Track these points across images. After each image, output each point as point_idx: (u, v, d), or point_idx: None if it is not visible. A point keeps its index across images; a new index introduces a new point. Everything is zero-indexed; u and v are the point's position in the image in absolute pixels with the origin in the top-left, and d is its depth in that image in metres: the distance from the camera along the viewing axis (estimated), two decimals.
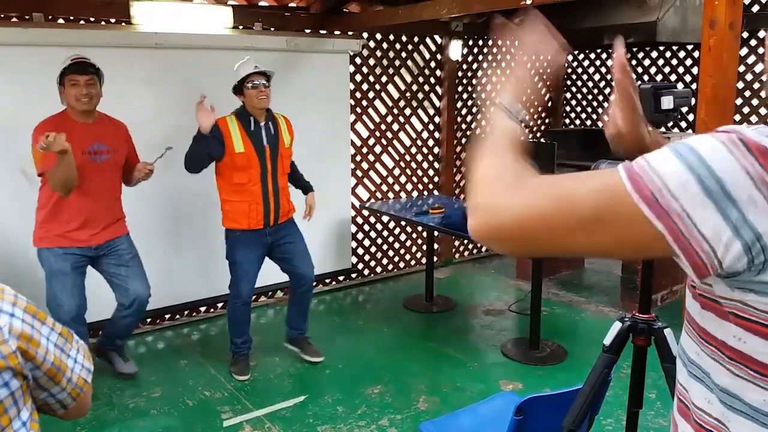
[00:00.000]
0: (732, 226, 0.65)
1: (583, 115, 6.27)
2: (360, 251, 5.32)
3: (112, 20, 3.92)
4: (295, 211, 3.70)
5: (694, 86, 4.87)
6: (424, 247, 5.48)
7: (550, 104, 6.41)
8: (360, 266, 5.35)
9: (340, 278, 5.24)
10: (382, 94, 5.14)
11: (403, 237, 5.55)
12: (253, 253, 3.49)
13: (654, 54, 5.50)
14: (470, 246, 6.02)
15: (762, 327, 0.69)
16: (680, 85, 5.18)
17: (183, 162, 3.36)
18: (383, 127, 5.20)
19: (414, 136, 5.43)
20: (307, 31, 4.69)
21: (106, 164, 3.20)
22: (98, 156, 3.16)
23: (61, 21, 3.78)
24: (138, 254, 3.42)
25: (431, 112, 5.51)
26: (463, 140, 5.66)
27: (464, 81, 5.62)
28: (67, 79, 3.02)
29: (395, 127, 5.27)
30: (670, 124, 5.25)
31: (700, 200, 0.66)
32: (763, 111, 4.86)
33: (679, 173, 0.67)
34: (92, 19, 3.88)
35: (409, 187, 5.50)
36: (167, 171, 4.06)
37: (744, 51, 4.69)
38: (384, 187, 5.35)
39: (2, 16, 3.60)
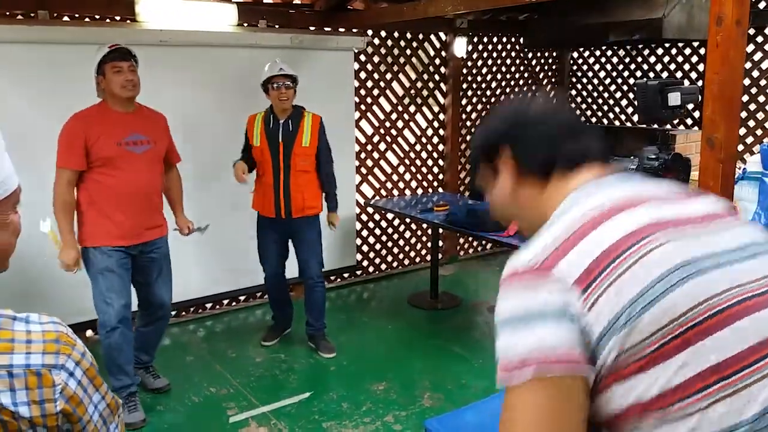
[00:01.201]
0: (560, 315, 0.78)
1: (588, 112, 6.24)
2: (365, 248, 5.32)
3: (117, 17, 3.93)
4: (320, 210, 3.81)
5: (700, 83, 4.84)
6: (429, 245, 5.47)
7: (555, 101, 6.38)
8: (365, 263, 5.36)
9: (345, 275, 5.25)
10: (387, 91, 5.14)
11: (407, 234, 5.55)
12: (270, 237, 3.79)
13: (660, 51, 5.48)
14: (475, 243, 6.02)
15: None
16: (687, 82, 5.15)
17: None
18: (388, 124, 5.20)
19: (419, 133, 5.42)
20: (312, 28, 4.69)
21: (146, 155, 3.06)
22: (137, 147, 3.02)
23: (66, 18, 3.79)
24: (170, 261, 3.31)
25: (436, 109, 5.50)
26: (468, 137, 5.66)
27: (469, 78, 5.61)
28: (109, 67, 2.92)
29: (400, 124, 5.27)
30: (676, 120, 5.23)
31: (535, 328, 0.79)
32: None
33: (513, 336, 0.85)
34: (97, 16, 3.89)
35: (413, 184, 5.50)
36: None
37: (751, 47, 4.67)
38: (389, 185, 5.35)
39: (7, 13, 3.61)
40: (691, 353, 0.76)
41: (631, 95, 5.79)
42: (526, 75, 6.07)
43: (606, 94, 6.05)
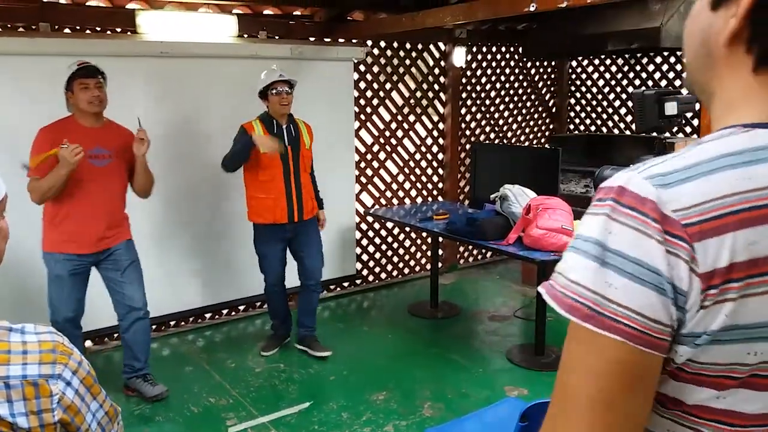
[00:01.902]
0: (671, 298, 0.62)
1: (588, 121, 6.26)
2: (364, 257, 5.32)
3: (118, 30, 3.95)
4: (323, 212, 3.96)
5: None
6: (429, 253, 5.47)
7: (554, 110, 6.41)
8: (364, 272, 5.36)
9: (345, 284, 5.24)
10: (387, 101, 5.16)
11: (407, 243, 5.55)
12: (275, 245, 3.79)
13: (658, 59, 5.51)
14: (475, 252, 6.02)
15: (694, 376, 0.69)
16: (684, 91, 5.17)
17: (221, 162, 3.62)
18: (387, 133, 5.22)
19: (418, 142, 5.44)
20: (312, 39, 4.71)
21: (108, 168, 3.20)
22: (99, 160, 3.17)
23: (67, 30, 3.81)
24: (138, 261, 3.39)
25: (435, 118, 5.52)
26: (467, 146, 5.67)
27: (468, 87, 5.63)
28: (77, 84, 3.06)
29: (399, 133, 5.29)
30: (675, 129, 5.24)
31: (634, 289, 0.62)
32: None
33: (597, 274, 0.64)
34: (98, 28, 3.91)
35: (413, 193, 5.51)
36: (172, 180, 4.09)
37: None
38: (388, 194, 5.35)
39: (9, 26, 3.64)
40: (737, 393, 0.67)
41: (629, 104, 5.81)
42: (525, 84, 6.09)
43: (605, 103, 6.07)
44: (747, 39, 0.67)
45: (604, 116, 6.09)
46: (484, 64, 5.72)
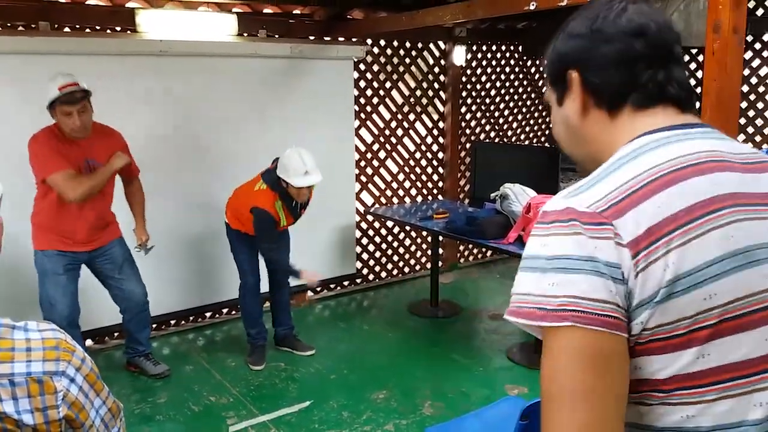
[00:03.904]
0: (606, 275, 0.71)
1: None
2: (365, 256, 5.32)
3: (118, 28, 3.95)
4: None
5: (698, 90, 4.85)
6: (429, 252, 5.47)
7: None
8: (365, 271, 5.35)
9: (345, 283, 5.24)
10: (386, 99, 5.15)
11: (407, 242, 5.55)
12: (248, 247, 3.70)
13: None
14: (475, 250, 6.02)
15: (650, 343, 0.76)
16: None
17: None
18: (387, 132, 5.21)
19: (418, 141, 5.43)
20: (311, 37, 4.71)
21: None
22: (91, 168, 3.20)
23: (67, 29, 3.80)
24: (132, 257, 3.49)
25: (435, 117, 5.52)
26: (467, 145, 5.67)
27: (468, 86, 5.63)
28: (59, 108, 2.99)
29: (399, 132, 5.28)
30: None
31: (572, 279, 0.72)
32: None
33: (540, 280, 0.74)
34: (98, 27, 3.91)
35: (413, 192, 5.51)
36: (173, 178, 4.09)
37: (749, 54, 4.69)
38: (388, 192, 5.35)
39: (8, 24, 3.63)
40: (717, 345, 0.74)
41: None
42: (525, 83, 6.09)
43: None
44: (594, 101, 0.87)
45: None
46: (484, 62, 5.72)
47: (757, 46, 4.75)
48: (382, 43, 5.03)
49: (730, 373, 0.75)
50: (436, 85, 5.44)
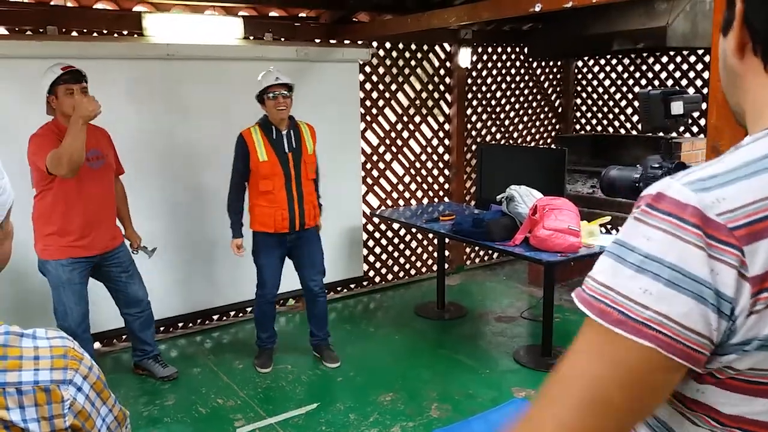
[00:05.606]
0: (712, 306, 0.59)
1: (594, 121, 6.24)
2: (371, 259, 5.32)
3: (125, 32, 3.97)
4: (320, 217, 3.82)
5: (705, 91, 4.84)
6: (435, 254, 5.48)
7: (560, 110, 6.40)
8: (371, 274, 5.36)
9: (352, 286, 5.25)
10: (392, 102, 5.16)
11: (414, 244, 5.55)
12: (275, 256, 3.67)
13: (664, 59, 5.48)
14: (481, 252, 6.01)
15: (732, 381, 0.65)
16: (691, 90, 5.15)
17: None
18: (393, 134, 5.22)
19: (424, 143, 5.44)
20: (317, 40, 4.72)
21: (102, 169, 3.28)
22: (95, 162, 3.22)
23: (74, 33, 3.83)
24: (133, 260, 3.54)
25: (441, 119, 5.52)
26: (473, 147, 5.67)
27: (474, 88, 5.63)
28: (62, 89, 3.03)
29: (405, 134, 5.29)
30: (681, 129, 5.22)
31: (670, 296, 0.60)
32: None
33: (632, 280, 0.61)
34: (105, 31, 3.93)
35: (419, 194, 5.51)
36: (180, 181, 4.11)
37: None
38: (394, 195, 5.36)
39: (17, 29, 3.66)
40: None
41: (635, 104, 5.79)
42: (530, 84, 6.08)
43: (611, 103, 6.05)
44: (752, 44, 0.68)
45: (611, 116, 6.07)
46: (490, 64, 5.72)
47: None
48: (388, 45, 5.04)
49: None
50: (441, 87, 5.45)
